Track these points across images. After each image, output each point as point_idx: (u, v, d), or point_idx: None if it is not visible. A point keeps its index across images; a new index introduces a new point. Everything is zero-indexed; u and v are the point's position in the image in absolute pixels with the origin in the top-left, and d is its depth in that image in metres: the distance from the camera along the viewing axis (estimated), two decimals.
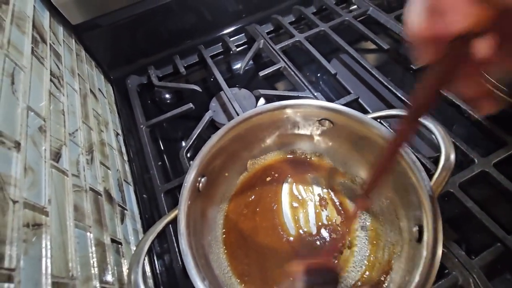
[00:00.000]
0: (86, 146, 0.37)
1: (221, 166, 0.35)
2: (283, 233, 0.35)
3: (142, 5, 0.53)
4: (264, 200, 0.37)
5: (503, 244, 0.32)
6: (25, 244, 0.21)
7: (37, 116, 0.30)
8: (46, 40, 0.39)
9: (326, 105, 0.34)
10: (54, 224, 0.25)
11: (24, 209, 0.22)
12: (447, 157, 0.28)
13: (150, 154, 0.45)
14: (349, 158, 0.37)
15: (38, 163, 0.27)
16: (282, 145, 0.40)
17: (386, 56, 0.58)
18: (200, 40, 0.61)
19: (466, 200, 0.35)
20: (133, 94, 0.55)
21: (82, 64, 0.49)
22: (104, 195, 0.36)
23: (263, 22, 0.63)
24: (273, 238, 0.34)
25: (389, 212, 0.33)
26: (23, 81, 0.30)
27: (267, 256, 0.33)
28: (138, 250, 0.27)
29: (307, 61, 0.59)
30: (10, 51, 0.30)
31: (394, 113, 0.32)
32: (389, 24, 0.57)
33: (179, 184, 0.41)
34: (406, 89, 0.47)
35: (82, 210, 0.30)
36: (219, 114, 0.51)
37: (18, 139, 0.25)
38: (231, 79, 0.60)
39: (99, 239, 0.31)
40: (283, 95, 0.49)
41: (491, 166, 0.37)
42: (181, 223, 0.26)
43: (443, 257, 0.33)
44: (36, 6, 0.41)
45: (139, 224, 0.42)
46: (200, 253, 0.29)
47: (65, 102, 0.37)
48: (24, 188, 0.23)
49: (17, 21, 0.34)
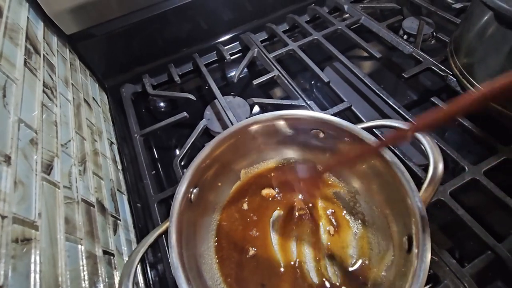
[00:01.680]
0: (79, 156, 0.37)
1: (214, 176, 0.35)
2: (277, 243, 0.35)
3: (137, 15, 0.53)
4: (257, 210, 0.37)
5: (494, 252, 0.33)
6: (13, 260, 0.21)
7: (29, 128, 0.30)
8: (39, 51, 0.39)
9: (318, 116, 0.34)
10: (44, 238, 0.25)
11: (13, 224, 0.22)
12: (436, 167, 0.28)
13: (144, 163, 0.45)
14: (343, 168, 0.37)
15: (29, 176, 0.27)
16: (275, 155, 0.40)
17: (379, 63, 0.59)
18: (195, 48, 0.62)
19: (457, 208, 0.36)
20: (127, 102, 0.55)
21: (76, 73, 0.49)
22: (97, 206, 0.36)
23: (257, 31, 0.64)
24: (266, 248, 0.34)
25: (381, 221, 0.33)
26: (15, 93, 0.30)
27: (259, 266, 0.33)
28: (129, 263, 0.26)
29: (300, 69, 0.60)
30: (2, 63, 0.30)
31: (385, 124, 0.32)
32: (381, 33, 0.58)
33: (173, 193, 0.41)
34: (398, 97, 0.48)
35: (73, 222, 0.30)
36: (213, 122, 0.52)
37: (8, 153, 0.25)
38: (226, 87, 0.61)
39: (90, 251, 0.31)
40: (276, 103, 0.50)
41: (482, 174, 0.38)
42: (172, 236, 0.26)
43: (435, 265, 0.33)
44: (30, 17, 0.41)
45: (132, 234, 0.42)
46: (192, 265, 0.29)
47: (58, 113, 0.37)
48: (13, 203, 0.23)
49: (10, 33, 0.34)
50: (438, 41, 0.58)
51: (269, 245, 0.34)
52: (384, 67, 0.59)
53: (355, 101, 0.51)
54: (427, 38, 0.59)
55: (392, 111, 0.47)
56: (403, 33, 0.61)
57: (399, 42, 0.55)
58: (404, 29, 0.61)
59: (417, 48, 0.54)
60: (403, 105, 0.46)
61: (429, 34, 0.59)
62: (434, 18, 0.60)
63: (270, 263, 0.33)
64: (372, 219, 0.34)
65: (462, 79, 0.46)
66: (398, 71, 0.55)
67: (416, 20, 0.61)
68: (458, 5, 0.60)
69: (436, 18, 0.60)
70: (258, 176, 0.39)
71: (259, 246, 0.34)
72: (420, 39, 0.56)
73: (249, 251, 0.34)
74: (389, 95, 0.47)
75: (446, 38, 0.56)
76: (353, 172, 0.37)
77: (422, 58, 0.51)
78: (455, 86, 0.47)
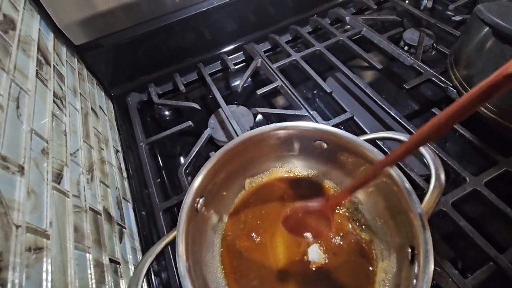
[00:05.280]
0: (87, 165, 0.38)
1: (219, 186, 0.36)
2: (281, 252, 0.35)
3: (144, 26, 0.55)
4: (262, 219, 0.37)
5: (496, 263, 0.33)
6: (27, 269, 0.21)
7: (40, 138, 0.31)
8: (50, 62, 0.40)
9: (321, 128, 0.35)
10: (55, 247, 0.25)
11: (26, 234, 0.23)
12: (437, 179, 0.29)
13: (149, 172, 0.46)
14: (346, 178, 0.38)
15: (40, 185, 0.27)
16: (279, 165, 0.41)
17: (380, 73, 0.60)
18: (200, 58, 0.63)
19: (459, 218, 0.36)
20: (133, 111, 0.56)
21: (84, 82, 0.50)
22: (103, 214, 0.36)
23: (261, 41, 0.65)
24: (271, 257, 0.35)
25: (384, 232, 0.33)
26: (27, 104, 0.31)
27: (265, 275, 0.34)
28: (136, 272, 0.27)
29: (303, 79, 0.61)
30: (16, 75, 0.31)
31: (387, 136, 0.33)
32: (382, 45, 0.59)
33: (178, 202, 0.42)
34: (399, 107, 0.48)
35: (82, 231, 0.30)
36: (217, 131, 0.52)
37: (21, 163, 0.26)
38: (230, 95, 0.62)
39: (98, 259, 0.31)
40: (279, 113, 0.51)
41: (482, 185, 0.38)
42: (179, 246, 0.27)
43: (437, 276, 0.33)
44: (41, 29, 0.43)
45: (137, 242, 0.43)
46: (198, 274, 0.29)
47: (67, 123, 0.38)
48: (26, 212, 0.24)
49: (23, 45, 0.35)
50: (438, 53, 0.59)
51: (274, 254, 0.35)
52: (385, 77, 0.60)
53: (357, 111, 0.52)
54: (427, 50, 0.60)
55: (394, 122, 0.47)
56: (403, 44, 0.62)
57: (400, 53, 0.56)
58: (404, 41, 0.62)
59: (418, 60, 0.55)
60: (404, 115, 0.47)
61: (429, 46, 0.60)
62: (434, 29, 0.62)
63: (275, 272, 0.33)
64: (375, 230, 0.35)
65: (462, 90, 0.47)
66: (399, 81, 0.56)
67: (416, 31, 0.62)
68: (457, 18, 0.61)
69: (436, 30, 0.61)
70: (263, 185, 0.40)
71: (264, 255, 0.35)
72: (420, 50, 0.57)
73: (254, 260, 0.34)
74: (391, 106, 0.48)
75: (446, 50, 0.57)
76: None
77: (422, 70, 0.52)
78: (455, 97, 0.48)
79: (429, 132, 0.21)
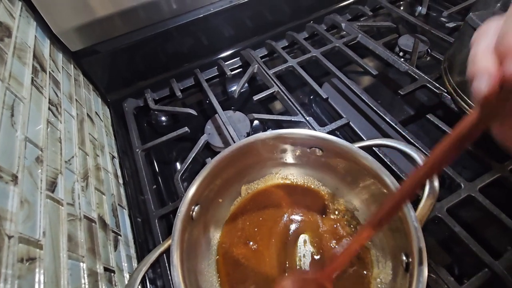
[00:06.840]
0: (82, 172, 0.38)
1: (215, 193, 0.36)
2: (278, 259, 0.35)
3: (140, 33, 0.55)
4: (259, 226, 0.37)
5: (491, 269, 0.33)
6: (18, 281, 0.21)
7: (35, 146, 0.31)
8: (45, 69, 0.40)
9: (316, 135, 0.35)
10: (48, 257, 0.25)
11: (19, 244, 0.23)
12: (431, 186, 0.29)
13: (145, 178, 0.45)
14: (341, 185, 0.38)
15: (34, 194, 0.27)
16: (275, 171, 0.41)
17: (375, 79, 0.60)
18: (196, 64, 0.63)
19: (454, 224, 0.36)
20: (129, 117, 0.56)
21: (80, 88, 0.50)
22: (98, 222, 0.36)
23: (257, 47, 0.66)
24: (268, 264, 0.35)
25: (379, 239, 0.33)
26: (22, 112, 0.31)
27: (261, 283, 0.33)
28: (130, 281, 0.27)
29: (299, 85, 0.61)
30: (11, 83, 0.31)
31: (382, 143, 0.33)
32: (377, 51, 0.59)
33: (173, 209, 0.42)
34: (395, 113, 0.49)
35: (75, 239, 0.30)
36: (214, 137, 0.53)
37: (15, 172, 0.26)
38: (226, 101, 0.62)
39: (92, 268, 0.31)
40: (276, 119, 0.51)
41: (477, 191, 0.39)
42: (174, 255, 0.27)
43: (433, 283, 0.33)
44: (37, 35, 0.43)
45: (132, 250, 0.42)
46: (193, 282, 0.29)
47: (62, 130, 0.38)
48: (19, 222, 0.24)
49: (18, 52, 0.35)
50: (432, 58, 0.60)
51: (270, 262, 0.35)
52: (380, 83, 0.61)
53: (353, 116, 0.52)
54: (422, 55, 0.61)
55: (389, 127, 0.48)
56: (399, 50, 0.63)
57: (395, 60, 0.56)
58: (399, 46, 0.63)
59: (413, 66, 0.55)
60: (399, 121, 0.47)
61: (424, 52, 0.61)
62: (428, 36, 0.62)
63: (272, 280, 0.33)
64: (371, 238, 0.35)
65: (456, 96, 0.47)
66: (395, 87, 0.56)
67: (411, 37, 0.63)
68: (451, 24, 0.62)
69: (430, 36, 0.62)
70: (259, 192, 0.40)
71: (261, 263, 0.34)
72: (415, 56, 0.58)
73: (250, 268, 0.34)
74: (386, 111, 0.49)
75: (440, 56, 0.57)
76: (352, 190, 0.37)
77: (417, 76, 0.53)
78: (449, 103, 0.49)
79: (444, 159, 0.20)
